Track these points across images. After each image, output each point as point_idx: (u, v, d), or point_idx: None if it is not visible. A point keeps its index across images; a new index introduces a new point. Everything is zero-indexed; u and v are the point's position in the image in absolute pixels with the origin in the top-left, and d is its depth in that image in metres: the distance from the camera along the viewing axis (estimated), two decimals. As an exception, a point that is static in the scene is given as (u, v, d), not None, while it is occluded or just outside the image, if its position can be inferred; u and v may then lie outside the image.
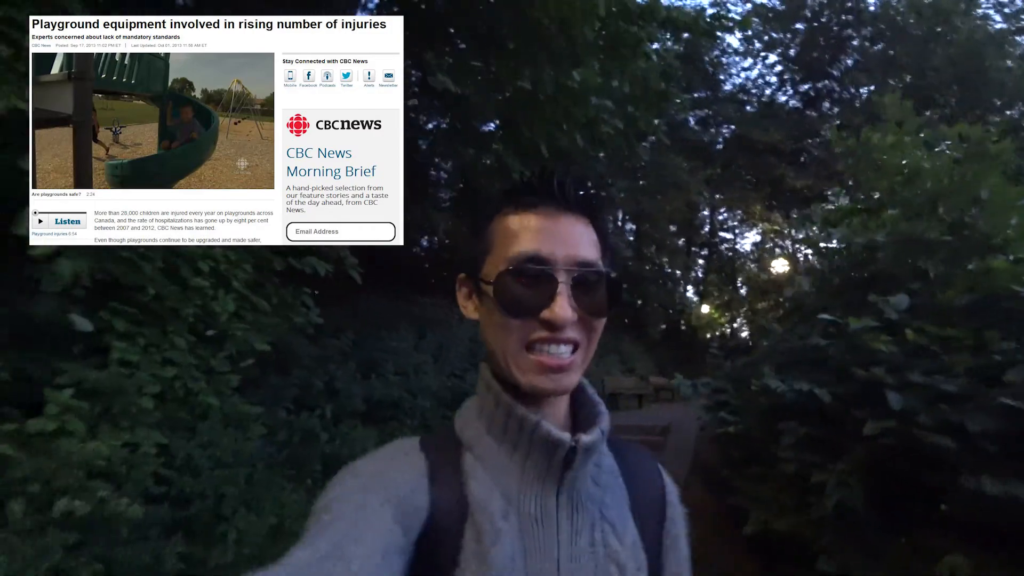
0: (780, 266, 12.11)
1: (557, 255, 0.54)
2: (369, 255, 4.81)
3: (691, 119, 16.31)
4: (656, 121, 6.57)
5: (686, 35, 7.91)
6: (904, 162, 3.20)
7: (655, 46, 6.37)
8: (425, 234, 7.47)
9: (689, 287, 17.20)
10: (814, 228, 3.57)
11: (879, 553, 2.24)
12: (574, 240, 0.56)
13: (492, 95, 4.07)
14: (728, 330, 17.43)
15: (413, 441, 0.59)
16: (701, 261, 17.59)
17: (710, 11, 8.15)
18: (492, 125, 5.73)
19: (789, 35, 17.43)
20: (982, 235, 2.75)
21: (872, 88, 14.60)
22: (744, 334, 16.13)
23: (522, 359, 0.55)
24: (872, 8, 15.57)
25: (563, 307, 0.53)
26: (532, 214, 0.56)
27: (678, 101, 6.96)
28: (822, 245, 3.43)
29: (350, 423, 4.44)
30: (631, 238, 14.21)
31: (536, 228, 0.55)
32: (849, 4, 16.01)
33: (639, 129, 6.35)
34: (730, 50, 17.14)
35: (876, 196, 3.49)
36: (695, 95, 15.67)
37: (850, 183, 3.98)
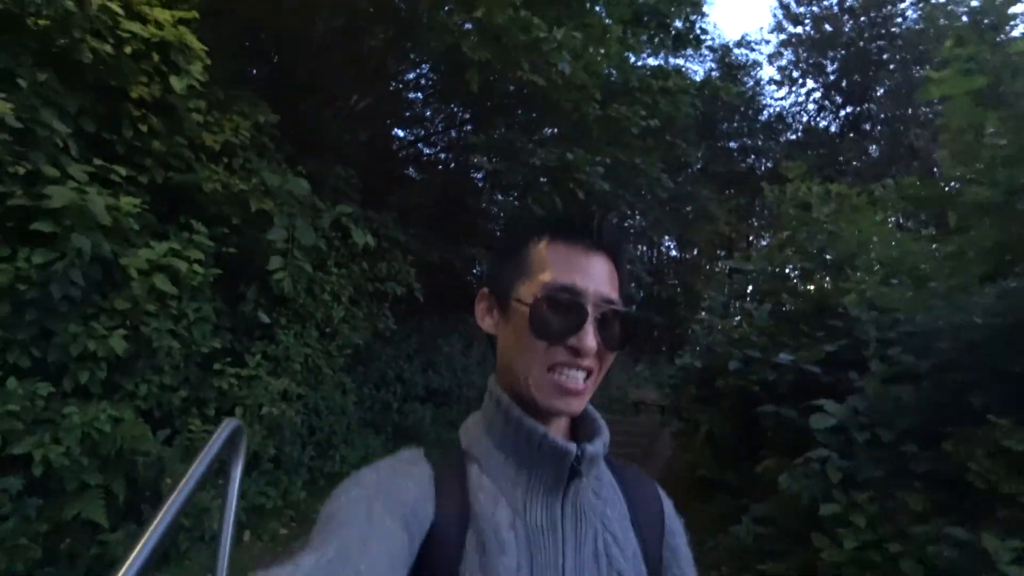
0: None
1: (588, 289, 0.59)
2: (432, 283, 6.74)
3: (732, 145, 17.53)
4: (662, 171, 8.16)
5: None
6: (793, 212, 4.66)
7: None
8: (476, 265, 9.38)
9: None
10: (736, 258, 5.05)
11: (733, 462, 3.62)
12: (602, 278, 0.61)
13: (518, 167, 5.91)
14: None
15: (418, 452, 0.63)
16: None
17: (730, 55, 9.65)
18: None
19: (826, 61, 18.36)
20: (830, 264, 4.15)
21: (909, 111, 15.25)
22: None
23: (543, 379, 0.58)
24: (906, 28, 16.29)
25: (590, 337, 0.58)
26: (569, 247, 0.61)
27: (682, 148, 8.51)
28: (733, 269, 4.90)
29: (413, 403, 6.30)
30: (668, 263, 15.42)
31: (573, 262, 0.60)
32: (883, 31, 16.79)
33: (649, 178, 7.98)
34: (765, 82, 18.28)
35: (785, 235, 4.94)
36: (730, 125, 16.93)
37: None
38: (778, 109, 18.22)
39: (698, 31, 9.35)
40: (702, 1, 8.78)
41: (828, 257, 4.22)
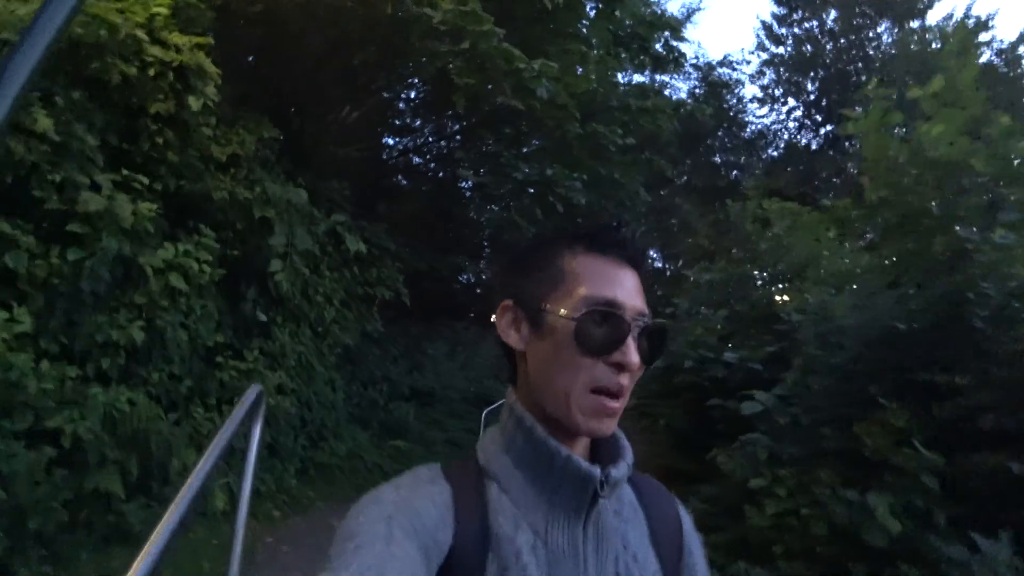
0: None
1: (627, 303, 0.59)
2: (419, 289, 7.16)
3: (717, 159, 18.24)
4: (642, 185, 8.70)
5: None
6: (751, 227, 5.18)
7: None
8: (463, 274, 9.82)
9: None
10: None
11: (688, 451, 4.07)
12: (636, 292, 0.61)
13: (503, 180, 6.38)
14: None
15: (436, 469, 0.62)
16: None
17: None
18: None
19: (806, 81, 19.17)
20: (782, 274, 4.66)
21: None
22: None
23: (586, 400, 0.57)
24: (882, 52, 17.10)
25: (633, 352, 0.58)
26: (603, 261, 0.61)
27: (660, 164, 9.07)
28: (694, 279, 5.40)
29: (398, 401, 6.69)
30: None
31: (609, 275, 0.60)
32: (860, 53, 17.63)
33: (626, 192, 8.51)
34: (748, 100, 19.06)
35: (744, 249, 5.46)
36: (714, 140, 17.65)
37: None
38: (760, 127, 19.03)
39: (677, 53, 9.97)
40: (680, 27, 9.40)
41: (780, 268, 4.73)
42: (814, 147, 19.36)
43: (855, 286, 3.47)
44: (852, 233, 4.18)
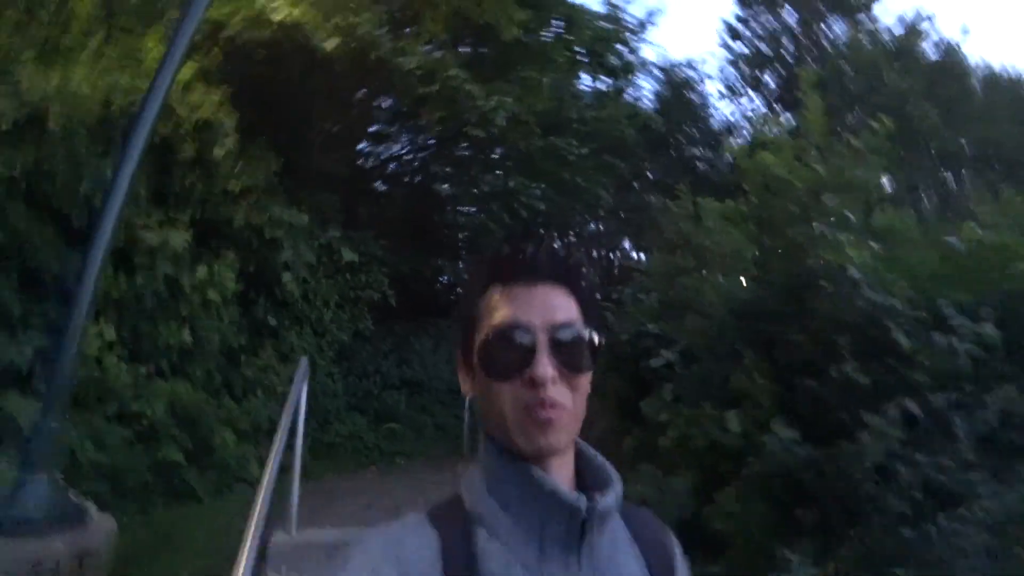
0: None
1: (534, 320, 0.61)
2: (403, 290, 8.23)
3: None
4: (605, 188, 9.89)
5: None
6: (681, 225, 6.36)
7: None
8: (443, 274, 10.95)
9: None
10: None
11: (631, 414, 5.23)
12: (549, 305, 0.62)
13: (471, 191, 7.49)
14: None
15: (422, 516, 0.63)
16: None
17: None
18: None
19: (767, 77, 20.52)
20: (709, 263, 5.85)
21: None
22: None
23: (517, 421, 0.60)
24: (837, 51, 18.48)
25: (541, 366, 0.59)
26: (511, 287, 0.63)
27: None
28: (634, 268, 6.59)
29: (390, 391, 7.80)
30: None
31: (514, 298, 0.62)
32: (816, 50, 19.01)
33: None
34: (710, 96, 20.38)
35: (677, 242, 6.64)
36: (680, 137, 18.93)
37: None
38: (724, 123, 20.39)
39: (632, 62, 11.16)
40: (628, 40, 10.58)
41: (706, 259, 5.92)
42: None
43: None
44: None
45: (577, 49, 9.82)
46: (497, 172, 7.59)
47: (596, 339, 0.65)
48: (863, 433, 3.00)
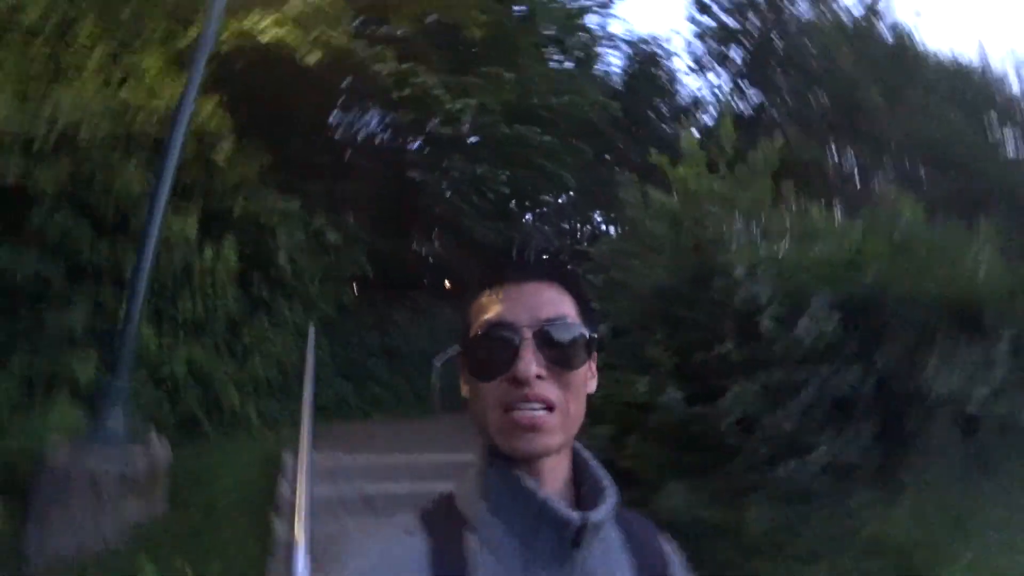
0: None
1: (521, 318, 0.61)
2: (383, 265, 9.17)
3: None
4: (569, 168, 10.82)
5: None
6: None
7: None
8: (419, 249, 11.90)
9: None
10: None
11: None
12: (537, 302, 0.63)
13: (442, 177, 8.39)
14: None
15: (414, 519, 0.64)
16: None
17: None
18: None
19: (733, 53, 21.22)
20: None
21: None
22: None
23: (500, 422, 0.60)
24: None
25: (526, 362, 0.59)
26: (500, 288, 0.65)
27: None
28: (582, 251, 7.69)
29: (372, 358, 8.84)
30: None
31: (502, 299, 0.64)
32: (782, 29, 19.75)
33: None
34: (678, 71, 21.14)
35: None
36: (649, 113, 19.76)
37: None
38: (692, 97, 21.22)
39: (594, 47, 11.99)
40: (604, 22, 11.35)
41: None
42: (748, 113, 21.68)
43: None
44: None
45: (546, 33, 10.60)
46: (466, 160, 8.47)
47: (590, 335, 0.64)
48: (728, 396, 4.15)
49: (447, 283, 12.97)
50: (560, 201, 15.75)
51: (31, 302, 4.33)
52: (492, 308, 0.64)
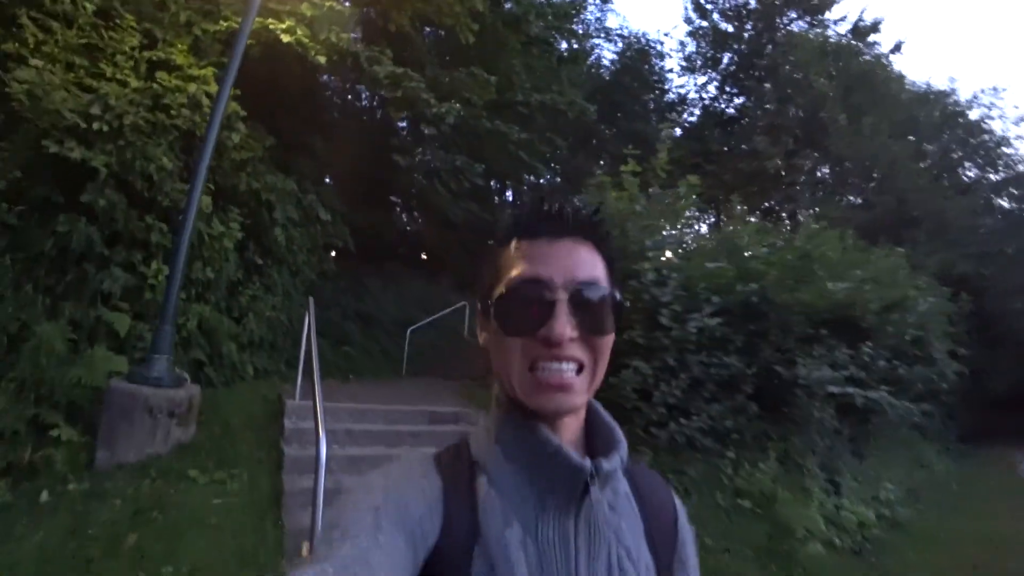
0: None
1: (555, 277, 0.62)
2: (362, 237, 10.28)
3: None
4: (546, 160, 11.99)
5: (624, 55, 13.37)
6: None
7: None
8: (394, 226, 12.99)
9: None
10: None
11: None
12: (572, 261, 0.64)
13: (421, 162, 9.48)
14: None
15: (428, 458, 0.67)
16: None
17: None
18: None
19: (723, 56, 22.45)
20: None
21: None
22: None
23: (525, 379, 0.63)
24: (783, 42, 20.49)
25: (561, 324, 0.60)
26: (534, 241, 0.65)
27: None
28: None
29: (348, 321, 10.04)
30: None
31: (536, 253, 0.64)
32: (769, 39, 21.00)
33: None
34: (668, 70, 22.26)
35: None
36: (633, 107, 20.90)
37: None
38: (679, 95, 22.34)
39: (584, 46, 13.01)
40: (587, 36, 12.38)
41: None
42: (731, 112, 22.86)
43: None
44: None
45: (533, 33, 11.58)
46: (445, 150, 9.59)
47: (620, 299, 0.66)
48: (629, 371, 5.55)
49: (423, 255, 14.17)
50: (541, 183, 16.95)
51: (77, 263, 5.38)
52: (526, 262, 0.65)
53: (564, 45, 12.53)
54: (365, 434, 5.16)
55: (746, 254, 6.87)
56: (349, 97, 9.49)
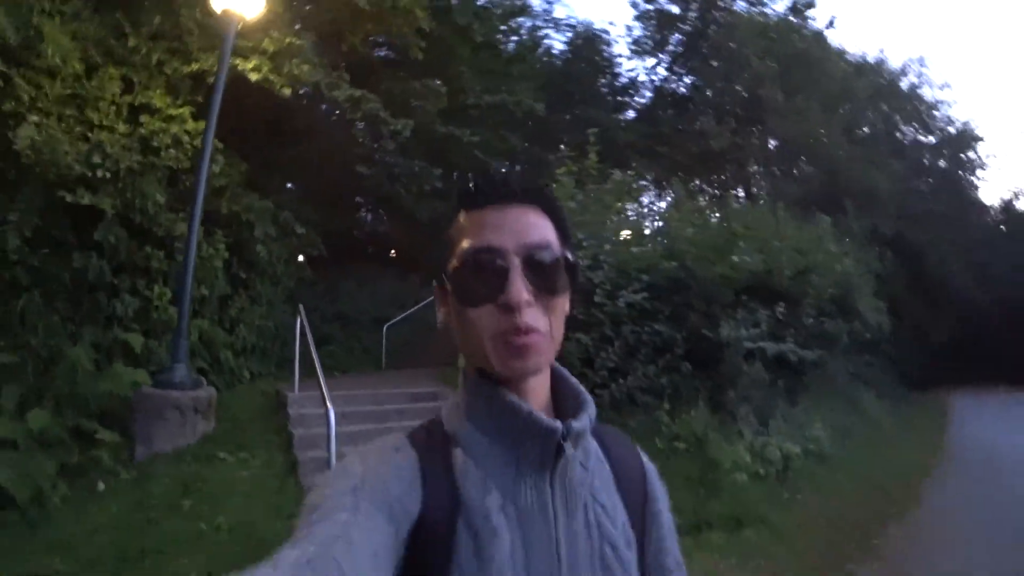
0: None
1: (506, 243, 0.65)
2: (334, 243, 11.28)
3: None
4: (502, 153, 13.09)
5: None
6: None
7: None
8: (363, 228, 14.02)
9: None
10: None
11: None
12: (522, 226, 0.66)
13: (383, 177, 10.52)
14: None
15: (403, 437, 0.69)
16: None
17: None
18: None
19: (670, 37, 23.57)
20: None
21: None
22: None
23: (490, 346, 0.65)
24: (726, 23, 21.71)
25: (517, 288, 0.63)
26: (482, 211, 0.68)
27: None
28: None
29: (326, 324, 11.09)
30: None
31: (485, 222, 0.67)
32: (714, 15, 22.12)
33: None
34: (617, 56, 23.39)
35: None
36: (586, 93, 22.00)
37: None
38: (630, 79, 23.47)
39: (530, 44, 14.10)
40: (533, 32, 13.43)
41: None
42: (682, 91, 24.01)
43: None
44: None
45: (480, 40, 12.61)
46: (405, 157, 10.63)
47: (572, 259, 0.69)
48: (571, 342, 6.76)
49: (392, 252, 15.24)
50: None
51: (91, 292, 6.36)
52: (476, 232, 0.67)
53: (512, 45, 13.57)
54: (356, 414, 6.28)
55: (676, 236, 8.15)
56: (312, 114, 10.40)
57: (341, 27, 9.16)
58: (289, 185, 11.29)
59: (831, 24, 19.46)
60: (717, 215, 9.95)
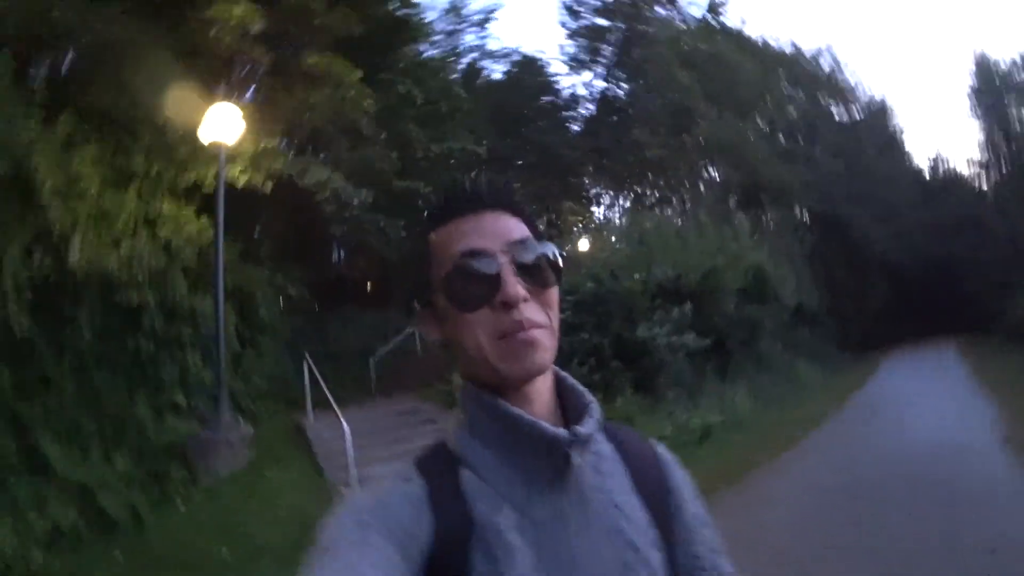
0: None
1: (491, 244, 0.68)
2: (318, 292, 13.60)
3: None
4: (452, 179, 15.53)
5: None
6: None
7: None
8: (341, 275, 16.41)
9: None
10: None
11: None
12: (502, 227, 0.70)
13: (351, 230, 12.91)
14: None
15: (409, 465, 0.70)
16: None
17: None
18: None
19: (603, 47, 26.12)
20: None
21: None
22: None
23: (496, 350, 0.67)
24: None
25: (512, 285, 0.66)
26: (457, 221, 0.71)
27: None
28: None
29: (319, 364, 13.41)
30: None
31: (466, 229, 0.70)
32: (640, 24, 24.77)
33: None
34: (554, 75, 25.96)
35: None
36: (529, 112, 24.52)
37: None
38: (571, 95, 26.00)
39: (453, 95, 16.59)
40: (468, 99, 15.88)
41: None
42: (620, 96, 26.42)
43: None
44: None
45: (421, 104, 15.00)
46: (371, 213, 13.04)
47: (553, 254, 0.72)
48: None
49: (368, 286, 17.63)
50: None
51: (142, 367, 8.66)
52: (459, 239, 0.70)
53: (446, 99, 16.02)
54: (359, 430, 8.62)
55: (596, 259, 10.68)
56: (288, 193, 12.81)
57: (302, 117, 11.55)
58: (271, 242, 13.67)
59: (743, 21, 22.22)
60: (636, 235, 12.50)
